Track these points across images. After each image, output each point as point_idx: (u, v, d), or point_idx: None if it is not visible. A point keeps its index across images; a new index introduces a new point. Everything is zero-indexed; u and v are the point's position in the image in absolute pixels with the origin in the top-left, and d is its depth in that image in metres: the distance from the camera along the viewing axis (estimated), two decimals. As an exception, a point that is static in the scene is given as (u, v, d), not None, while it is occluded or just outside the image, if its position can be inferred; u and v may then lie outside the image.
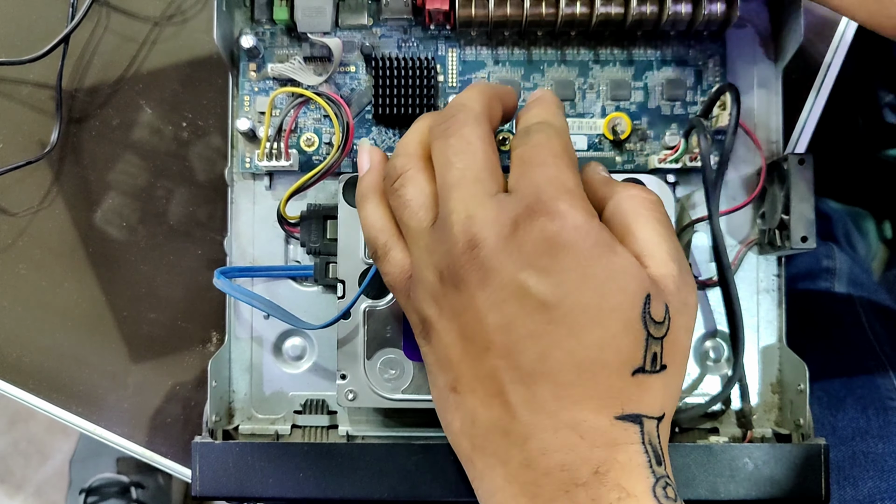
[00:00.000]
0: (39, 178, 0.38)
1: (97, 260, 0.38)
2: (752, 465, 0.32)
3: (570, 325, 0.24)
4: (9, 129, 0.38)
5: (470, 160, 0.26)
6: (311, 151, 0.36)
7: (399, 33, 0.36)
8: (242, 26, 0.36)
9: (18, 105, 0.38)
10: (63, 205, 0.38)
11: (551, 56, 0.36)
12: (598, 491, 0.23)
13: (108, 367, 0.38)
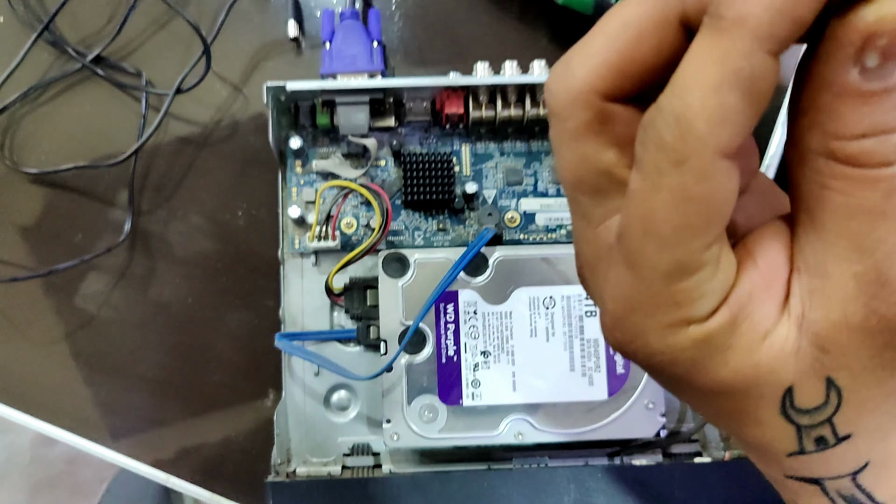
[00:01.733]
0: (115, 261, 0.44)
1: (167, 330, 0.44)
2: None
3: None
4: (87, 221, 0.45)
5: None
6: (350, 233, 0.43)
7: (420, 132, 0.44)
8: (288, 130, 0.43)
9: (95, 201, 0.45)
10: (136, 284, 0.44)
11: (547, 147, 0.44)
12: None
13: (178, 423, 0.44)
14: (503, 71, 0.41)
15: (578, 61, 0.19)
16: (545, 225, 0.43)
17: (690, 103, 0.16)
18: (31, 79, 0.45)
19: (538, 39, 0.46)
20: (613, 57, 0.18)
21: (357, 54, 0.41)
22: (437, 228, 0.43)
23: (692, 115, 0.16)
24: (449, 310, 0.40)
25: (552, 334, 0.40)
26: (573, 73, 0.19)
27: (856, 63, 0.16)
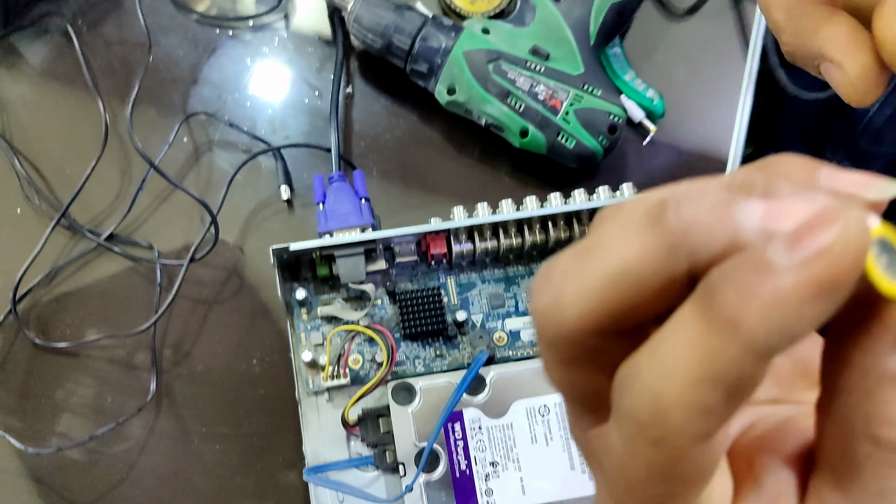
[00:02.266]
0: (144, 419, 0.48)
1: (200, 477, 0.48)
2: None
3: None
4: (115, 385, 0.49)
5: None
6: (357, 368, 0.48)
7: (409, 270, 0.49)
8: (292, 282, 0.48)
9: (120, 366, 0.49)
10: (166, 437, 0.48)
11: (522, 272, 0.49)
12: None
13: (218, 564, 0.47)
14: (476, 212, 0.47)
15: (571, 298, 0.18)
16: (530, 340, 0.48)
17: (669, 389, 0.16)
18: (50, 261, 0.50)
19: (500, 178, 0.52)
20: (610, 305, 0.17)
21: (348, 212, 0.47)
22: (434, 355, 0.48)
23: (669, 401, 0.16)
24: (457, 428, 0.45)
25: (550, 439, 0.45)
26: (564, 310, 0.18)
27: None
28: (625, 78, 0.53)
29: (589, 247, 0.18)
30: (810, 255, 0.14)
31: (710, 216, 0.16)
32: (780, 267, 0.14)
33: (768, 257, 0.15)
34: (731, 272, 0.15)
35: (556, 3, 0.50)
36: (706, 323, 0.15)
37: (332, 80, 0.52)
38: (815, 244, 0.14)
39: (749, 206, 0.15)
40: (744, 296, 0.15)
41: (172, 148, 0.51)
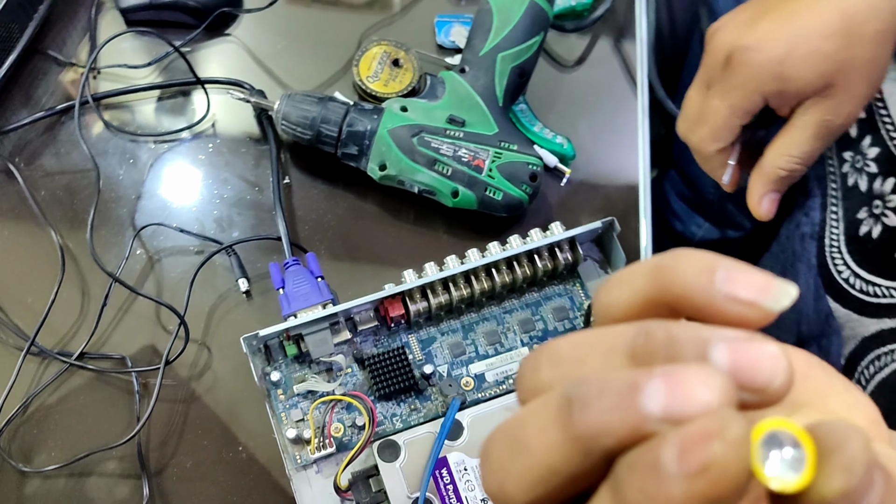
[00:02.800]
0: (142, 526, 0.50)
1: (205, 572, 0.49)
2: None
3: None
4: (107, 498, 0.50)
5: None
6: (340, 436, 0.50)
7: (372, 336, 0.52)
8: (264, 366, 0.51)
9: (111, 477, 0.50)
10: (166, 540, 0.50)
11: (475, 318, 0.53)
12: None
13: None
14: (425, 272, 0.51)
15: (512, 489, 0.20)
16: (495, 380, 0.52)
17: None
18: (24, 390, 0.51)
19: (439, 237, 0.57)
20: (545, 492, 0.19)
21: (308, 292, 0.50)
22: (410, 410, 0.51)
23: None
24: (444, 474, 0.48)
25: (530, 466, 0.49)
26: (510, 496, 0.20)
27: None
28: (534, 129, 0.58)
29: (517, 440, 0.20)
30: (695, 468, 0.16)
31: (614, 417, 0.17)
32: (671, 475, 0.16)
33: (662, 462, 0.16)
34: (632, 469, 0.17)
35: (461, 74, 0.56)
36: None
37: (271, 174, 0.55)
38: (698, 458, 0.16)
39: (650, 398, 0.17)
40: (642, 496, 0.17)
41: (129, 260, 0.53)
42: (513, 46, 0.55)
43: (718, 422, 0.16)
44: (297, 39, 0.62)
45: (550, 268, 0.53)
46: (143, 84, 0.58)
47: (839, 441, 0.17)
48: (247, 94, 0.56)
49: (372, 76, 0.59)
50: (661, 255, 0.21)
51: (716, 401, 0.17)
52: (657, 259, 0.21)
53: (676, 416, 0.17)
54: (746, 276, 0.19)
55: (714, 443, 0.16)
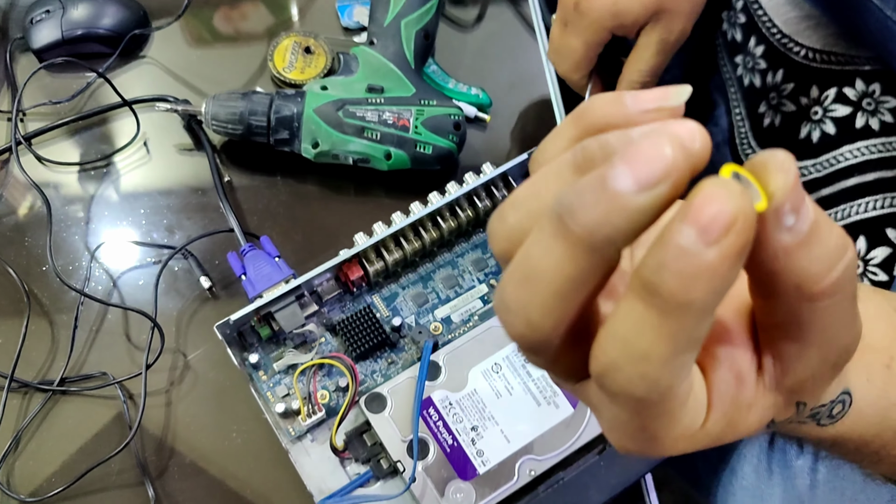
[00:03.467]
0: (155, 528, 0.51)
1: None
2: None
3: None
4: (116, 509, 0.51)
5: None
6: (327, 402, 0.53)
7: (338, 303, 0.55)
8: (242, 352, 0.53)
9: (115, 489, 0.52)
10: (181, 536, 0.51)
11: (431, 267, 0.56)
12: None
13: None
14: (374, 232, 0.54)
15: (539, 318, 0.22)
16: (461, 319, 0.55)
17: (652, 371, 0.20)
18: (13, 425, 0.52)
19: (381, 201, 0.59)
20: (571, 307, 0.21)
21: (270, 272, 0.52)
22: (387, 364, 0.54)
23: (655, 377, 0.20)
24: (432, 413, 0.51)
25: (510, 388, 0.51)
26: (538, 328, 0.22)
27: (783, 228, 0.20)
28: (449, 86, 0.62)
29: (525, 272, 0.22)
30: (718, 234, 0.18)
31: (599, 208, 0.19)
32: (697, 249, 0.18)
33: (689, 246, 0.18)
34: (660, 268, 0.19)
35: (371, 46, 0.59)
36: (658, 310, 0.19)
37: (211, 175, 0.58)
38: (718, 226, 0.18)
39: (618, 179, 0.19)
40: (686, 282, 0.19)
41: (91, 282, 0.55)
42: (413, 11, 0.58)
43: (720, 187, 0.18)
44: (211, 47, 0.64)
45: (491, 206, 0.56)
46: (72, 116, 0.60)
47: (767, 156, 0.20)
48: (173, 105, 0.58)
49: (288, 67, 0.61)
50: (576, 108, 0.24)
51: (670, 153, 0.19)
52: (574, 111, 0.24)
53: (646, 182, 0.19)
54: (646, 92, 0.23)
55: (726, 205, 0.18)
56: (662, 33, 0.55)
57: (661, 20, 0.55)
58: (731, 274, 0.19)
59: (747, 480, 0.61)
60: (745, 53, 0.69)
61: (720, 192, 0.18)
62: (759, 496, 0.60)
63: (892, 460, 0.36)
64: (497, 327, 0.53)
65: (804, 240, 0.20)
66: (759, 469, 0.60)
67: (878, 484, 0.50)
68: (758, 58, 0.68)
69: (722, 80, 0.73)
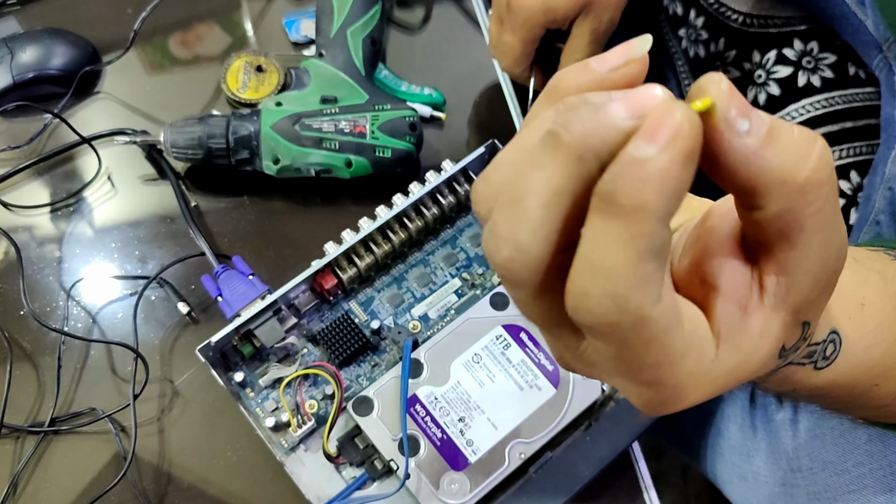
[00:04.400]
0: (161, 553, 0.52)
1: (233, 573, 0.52)
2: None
3: None
4: (120, 540, 0.52)
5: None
6: (315, 410, 0.54)
7: (316, 313, 0.56)
8: (226, 372, 0.54)
9: (117, 521, 0.52)
10: (187, 558, 0.52)
11: (403, 268, 0.57)
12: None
13: None
14: (344, 239, 0.55)
15: (527, 235, 0.22)
16: (438, 315, 0.56)
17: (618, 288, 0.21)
18: (8, 470, 0.53)
19: (348, 208, 0.60)
20: (557, 223, 0.22)
21: (245, 290, 0.53)
22: (371, 367, 0.55)
23: (622, 294, 0.21)
24: (419, 409, 0.52)
25: (493, 377, 0.53)
26: (526, 248, 0.23)
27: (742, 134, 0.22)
28: (402, 89, 0.63)
29: (514, 195, 0.23)
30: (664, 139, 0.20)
31: (593, 122, 0.21)
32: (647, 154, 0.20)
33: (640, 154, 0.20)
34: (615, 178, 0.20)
35: (321, 59, 0.60)
36: (618, 218, 0.21)
37: (177, 202, 0.58)
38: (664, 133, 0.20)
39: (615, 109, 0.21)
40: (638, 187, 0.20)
41: (70, 320, 0.55)
42: (358, 20, 0.59)
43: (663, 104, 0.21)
44: (163, 75, 0.65)
45: (454, 202, 0.57)
46: (33, 159, 0.60)
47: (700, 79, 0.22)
48: (132, 137, 0.59)
49: (241, 87, 0.62)
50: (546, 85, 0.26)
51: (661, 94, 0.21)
52: (545, 88, 0.26)
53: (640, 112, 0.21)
54: (609, 53, 0.24)
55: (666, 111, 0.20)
56: (593, 24, 0.57)
57: (591, 12, 0.56)
58: (681, 175, 0.20)
59: (734, 439, 0.63)
60: (687, 26, 0.71)
61: (663, 106, 0.21)
62: (745, 453, 0.61)
63: (877, 402, 0.37)
64: (474, 318, 0.54)
65: (767, 139, 0.22)
66: (744, 427, 0.62)
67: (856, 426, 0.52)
68: (699, 29, 0.70)
69: (669, 55, 0.74)
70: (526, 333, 0.54)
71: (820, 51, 0.65)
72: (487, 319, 0.54)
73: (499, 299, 0.55)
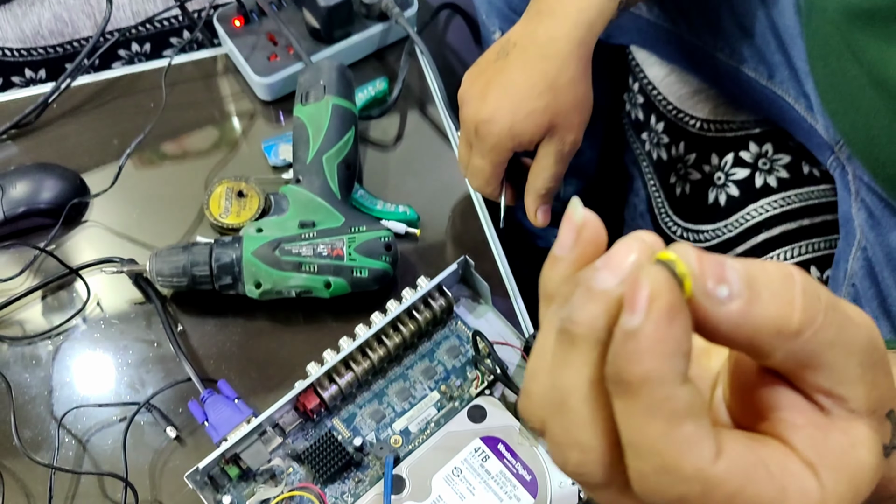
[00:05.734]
0: None
1: None
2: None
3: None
4: None
5: None
6: (302, 529, 0.55)
7: (300, 432, 0.57)
8: (215, 494, 0.55)
9: None
10: None
11: (383, 383, 0.59)
12: None
13: None
14: (325, 360, 0.57)
15: (584, 434, 0.23)
16: (419, 429, 0.58)
17: (665, 458, 0.22)
18: None
19: (328, 326, 0.63)
20: (606, 412, 0.23)
21: (230, 415, 0.55)
22: (355, 483, 0.56)
23: (673, 463, 0.22)
24: (401, 525, 0.53)
25: (473, 489, 0.54)
26: (588, 445, 0.23)
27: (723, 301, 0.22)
28: (377, 208, 0.66)
29: (558, 400, 0.24)
30: (642, 305, 0.21)
31: (592, 303, 0.22)
32: (633, 324, 0.21)
33: (629, 327, 0.21)
34: (615, 359, 0.21)
35: (298, 184, 0.63)
36: (632, 396, 0.21)
37: (164, 328, 0.61)
38: (642, 297, 0.21)
39: (600, 280, 0.22)
40: (636, 359, 0.21)
41: (61, 450, 0.57)
42: (332, 147, 0.63)
43: (635, 269, 0.22)
44: (149, 203, 0.68)
45: (430, 317, 0.59)
46: (22, 291, 0.62)
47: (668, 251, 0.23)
48: (118, 266, 0.62)
49: (224, 212, 0.65)
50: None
51: (631, 257, 0.22)
52: (540, 293, 0.27)
53: (622, 273, 0.22)
54: (560, 236, 0.25)
55: (645, 283, 0.21)
56: (557, 146, 0.60)
57: (555, 135, 0.59)
58: (673, 333, 0.21)
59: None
60: (648, 130, 0.75)
61: (633, 272, 0.22)
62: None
63: None
64: (453, 432, 0.56)
65: (749, 296, 0.22)
66: None
67: None
68: (660, 133, 0.74)
69: (634, 156, 0.78)
70: (503, 444, 0.56)
71: (775, 152, 0.69)
72: (466, 432, 0.56)
73: (476, 412, 0.57)
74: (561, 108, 0.58)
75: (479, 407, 0.57)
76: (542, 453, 0.55)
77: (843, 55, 0.53)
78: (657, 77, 0.70)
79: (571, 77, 0.58)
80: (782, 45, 0.63)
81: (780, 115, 0.65)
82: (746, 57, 0.66)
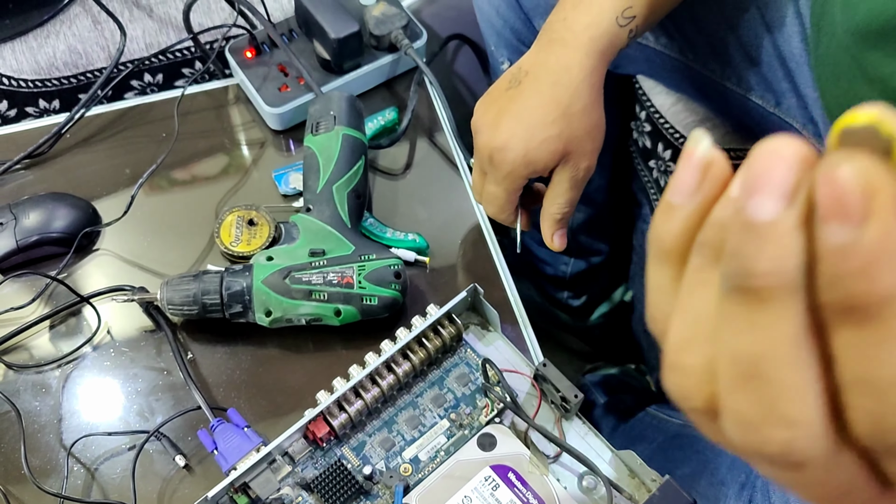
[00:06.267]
0: None
1: None
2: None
3: None
4: None
5: None
6: (311, 559, 0.54)
7: (309, 460, 0.57)
8: (224, 525, 0.55)
9: None
10: None
11: (393, 411, 0.59)
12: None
13: None
14: (335, 388, 0.57)
15: (794, 407, 0.19)
16: (428, 457, 0.58)
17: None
18: None
19: (338, 353, 0.63)
20: (816, 370, 0.19)
21: (240, 443, 0.55)
22: (365, 513, 0.56)
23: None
24: (411, 555, 0.53)
25: (483, 519, 0.54)
26: (801, 419, 0.19)
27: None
28: (387, 236, 0.66)
29: (744, 372, 0.19)
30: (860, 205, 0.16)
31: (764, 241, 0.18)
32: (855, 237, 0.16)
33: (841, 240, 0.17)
34: (839, 279, 0.17)
35: (308, 213, 0.63)
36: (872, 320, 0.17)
37: (174, 356, 0.61)
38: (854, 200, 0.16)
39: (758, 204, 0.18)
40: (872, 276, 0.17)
41: (70, 478, 0.57)
42: (342, 176, 0.63)
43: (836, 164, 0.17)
44: (160, 231, 0.68)
45: (440, 345, 0.59)
46: (34, 319, 0.63)
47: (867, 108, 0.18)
48: (129, 295, 0.62)
49: (234, 241, 0.65)
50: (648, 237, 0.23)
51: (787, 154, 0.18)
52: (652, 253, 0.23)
53: (785, 186, 0.18)
54: (679, 172, 0.21)
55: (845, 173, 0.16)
56: (571, 172, 0.60)
57: (570, 161, 0.60)
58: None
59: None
60: (656, 158, 0.75)
61: (834, 177, 0.16)
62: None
63: None
64: (463, 460, 0.56)
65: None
66: None
67: None
68: (668, 161, 0.74)
69: (642, 183, 0.79)
70: (514, 473, 0.55)
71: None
72: (476, 461, 0.56)
73: (486, 440, 0.57)
74: (575, 134, 0.59)
75: (489, 435, 0.57)
76: (553, 482, 0.55)
77: (855, 77, 0.53)
78: (664, 105, 0.71)
79: (585, 104, 0.58)
80: (789, 72, 0.64)
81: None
82: (753, 85, 0.66)
